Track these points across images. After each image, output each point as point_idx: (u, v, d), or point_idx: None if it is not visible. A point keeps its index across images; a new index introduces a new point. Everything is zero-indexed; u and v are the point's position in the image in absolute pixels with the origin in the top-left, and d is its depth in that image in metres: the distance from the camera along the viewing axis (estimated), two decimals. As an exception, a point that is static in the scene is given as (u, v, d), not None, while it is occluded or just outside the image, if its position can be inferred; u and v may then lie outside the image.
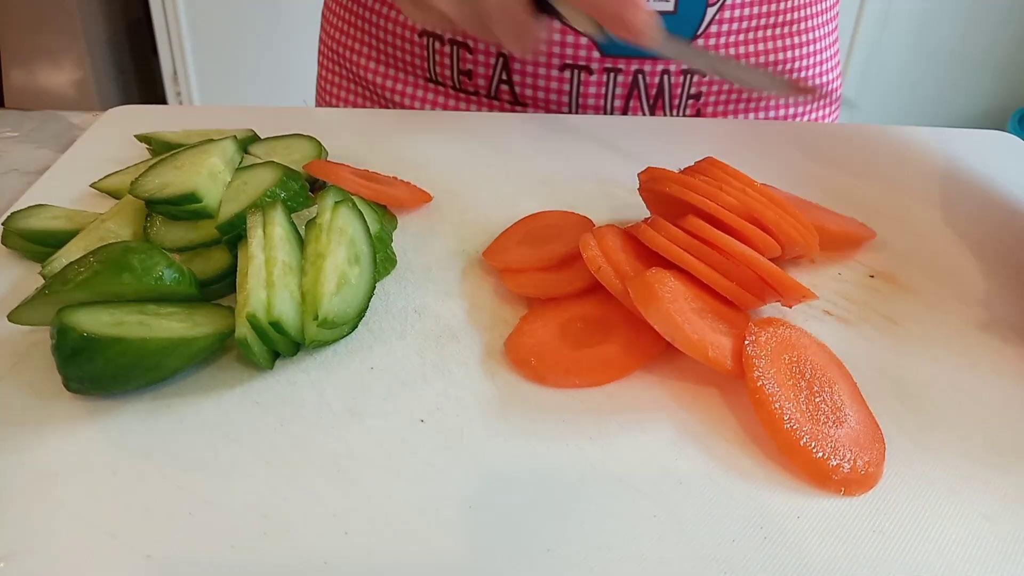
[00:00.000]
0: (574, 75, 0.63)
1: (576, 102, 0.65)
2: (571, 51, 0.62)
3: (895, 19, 1.97)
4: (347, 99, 0.73)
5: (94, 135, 0.57)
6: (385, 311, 0.41)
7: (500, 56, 0.63)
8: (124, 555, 0.29)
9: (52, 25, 1.87)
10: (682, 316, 0.35)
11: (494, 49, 0.63)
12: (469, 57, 0.64)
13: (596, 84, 0.63)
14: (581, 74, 0.63)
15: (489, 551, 0.29)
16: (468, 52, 0.64)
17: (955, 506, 0.32)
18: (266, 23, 1.87)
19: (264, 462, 0.33)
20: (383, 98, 0.70)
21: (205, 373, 0.37)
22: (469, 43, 0.64)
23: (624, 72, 0.62)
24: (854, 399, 0.35)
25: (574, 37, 0.61)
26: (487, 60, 0.64)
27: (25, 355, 0.37)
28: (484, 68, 0.65)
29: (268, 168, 0.44)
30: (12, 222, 0.44)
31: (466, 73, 0.65)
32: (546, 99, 0.65)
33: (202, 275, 0.39)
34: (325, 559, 0.29)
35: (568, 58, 0.62)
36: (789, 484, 0.32)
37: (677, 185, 0.42)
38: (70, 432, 0.34)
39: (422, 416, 0.35)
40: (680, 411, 0.36)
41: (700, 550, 0.30)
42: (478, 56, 0.64)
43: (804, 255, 0.44)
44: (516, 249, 0.44)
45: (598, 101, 0.64)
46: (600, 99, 0.64)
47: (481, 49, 0.64)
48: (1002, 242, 0.48)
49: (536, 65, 0.63)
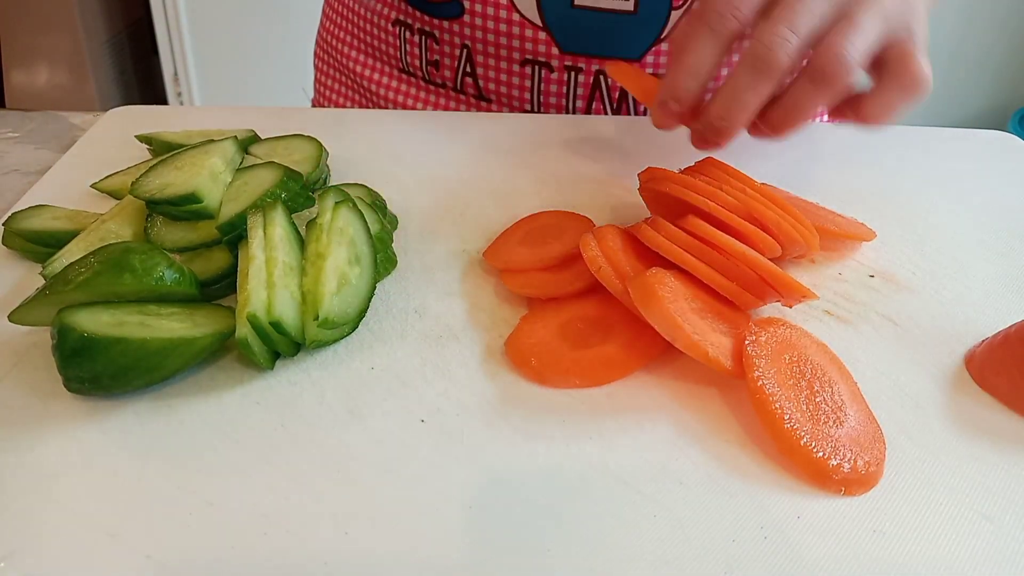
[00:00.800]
0: (535, 71, 0.63)
1: (538, 99, 0.64)
2: (531, 46, 0.61)
3: (895, 19, 1.97)
4: (343, 93, 0.73)
5: (95, 136, 0.57)
6: (385, 311, 0.41)
7: (464, 47, 0.63)
8: (124, 555, 0.29)
9: (52, 25, 1.87)
10: (682, 316, 0.35)
11: (458, 41, 0.63)
12: (436, 47, 0.64)
13: (557, 82, 0.63)
14: (542, 71, 0.63)
15: (489, 551, 0.29)
16: (435, 42, 0.64)
17: (955, 506, 0.32)
18: (267, 23, 1.87)
19: (264, 462, 0.33)
20: (370, 92, 0.70)
21: (205, 373, 0.37)
22: (435, 33, 0.63)
23: (585, 72, 0.62)
24: (854, 399, 0.35)
25: (533, 31, 0.61)
26: (452, 51, 0.64)
27: (25, 355, 0.37)
28: (450, 60, 0.64)
29: (268, 168, 0.44)
30: (13, 222, 0.44)
31: (433, 64, 0.65)
32: (508, 95, 0.65)
33: (202, 275, 0.39)
34: (325, 559, 0.29)
35: (528, 53, 0.62)
36: (789, 484, 0.32)
37: (677, 185, 0.42)
38: (70, 432, 0.34)
39: (422, 416, 0.35)
40: (680, 411, 0.36)
41: (700, 550, 0.30)
42: (444, 47, 0.64)
43: (804, 255, 0.44)
44: (516, 249, 0.44)
45: (560, 100, 0.64)
46: (562, 98, 0.64)
47: (446, 40, 0.63)
48: (1002, 242, 0.48)
49: (498, 59, 0.63)
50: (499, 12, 0.60)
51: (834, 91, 0.41)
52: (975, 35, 2.02)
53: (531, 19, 0.60)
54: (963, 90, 2.11)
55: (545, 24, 0.60)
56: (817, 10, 0.41)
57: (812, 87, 0.41)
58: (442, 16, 0.62)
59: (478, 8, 0.61)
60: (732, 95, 0.42)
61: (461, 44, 0.63)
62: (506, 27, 0.61)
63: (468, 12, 0.61)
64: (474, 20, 0.61)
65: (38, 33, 1.89)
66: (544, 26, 0.60)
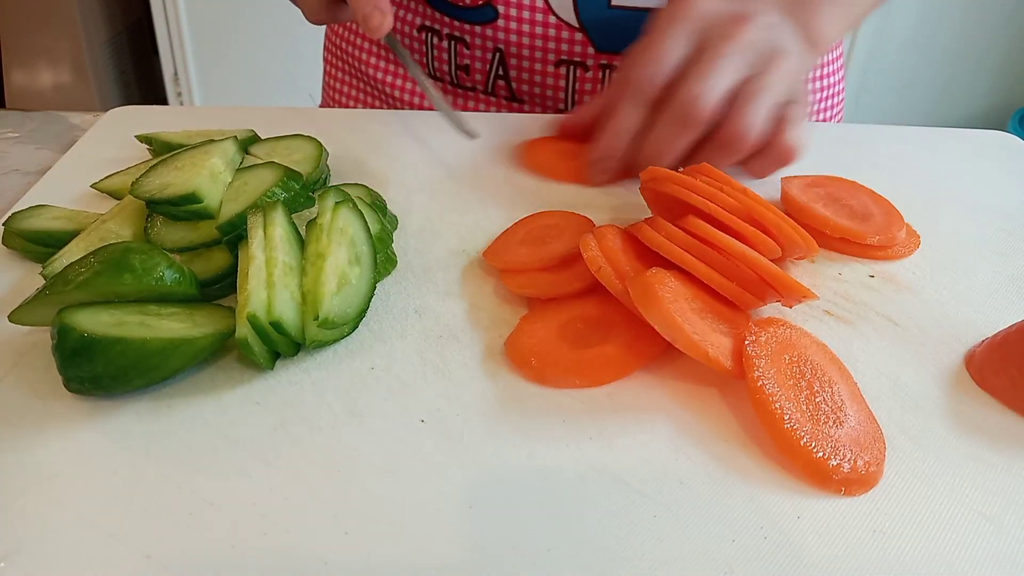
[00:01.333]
0: (570, 71, 0.63)
1: (572, 98, 0.65)
2: (566, 47, 0.62)
3: (895, 19, 1.97)
4: (353, 96, 0.73)
5: (95, 136, 0.57)
6: (385, 311, 0.41)
7: (497, 51, 0.63)
8: (124, 555, 0.29)
9: (52, 25, 1.87)
10: (682, 316, 0.35)
11: (491, 44, 0.63)
12: (466, 52, 0.64)
13: (592, 81, 0.63)
14: (577, 70, 0.63)
15: (489, 551, 0.29)
16: (465, 47, 0.64)
17: (955, 506, 0.32)
18: (267, 23, 1.87)
19: (264, 462, 0.33)
20: (384, 93, 0.70)
21: (205, 373, 0.37)
22: (466, 39, 0.64)
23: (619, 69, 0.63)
24: (854, 399, 0.35)
25: (569, 33, 0.61)
26: (484, 56, 0.64)
27: (25, 355, 0.37)
28: (481, 64, 0.65)
29: (269, 168, 0.44)
30: (13, 222, 0.44)
31: (463, 68, 0.66)
32: (543, 95, 0.65)
33: (202, 275, 0.39)
34: (325, 559, 0.29)
35: (563, 54, 0.62)
36: (789, 484, 0.32)
37: (678, 186, 0.42)
38: (70, 432, 0.34)
39: (422, 416, 0.35)
40: (680, 411, 0.36)
41: (700, 550, 0.30)
42: (475, 51, 0.64)
43: (804, 256, 0.44)
44: (516, 249, 0.44)
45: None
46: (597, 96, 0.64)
47: (478, 45, 0.64)
48: (1002, 242, 0.48)
49: (532, 61, 0.63)
50: (535, 15, 0.60)
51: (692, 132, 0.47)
52: (975, 35, 2.02)
53: (567, 20, 0.60)
54: (963, 90, 2.11)
55: (581, 25, 0.60)
56: (730, 68, 0.47)
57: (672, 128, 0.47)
58: (474, 21, 0.62)
59: (513, 12, 0.61)
60: (658, 146, 0.48)
61: (494, 48, 0.63)
62: (542, 29, 0.61)
63: (503, 17, 0.61)
64: (508, 24, 0.61)
65: (38, 33, 1.89)
66: (580, 27, 0.60)
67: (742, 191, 0.41)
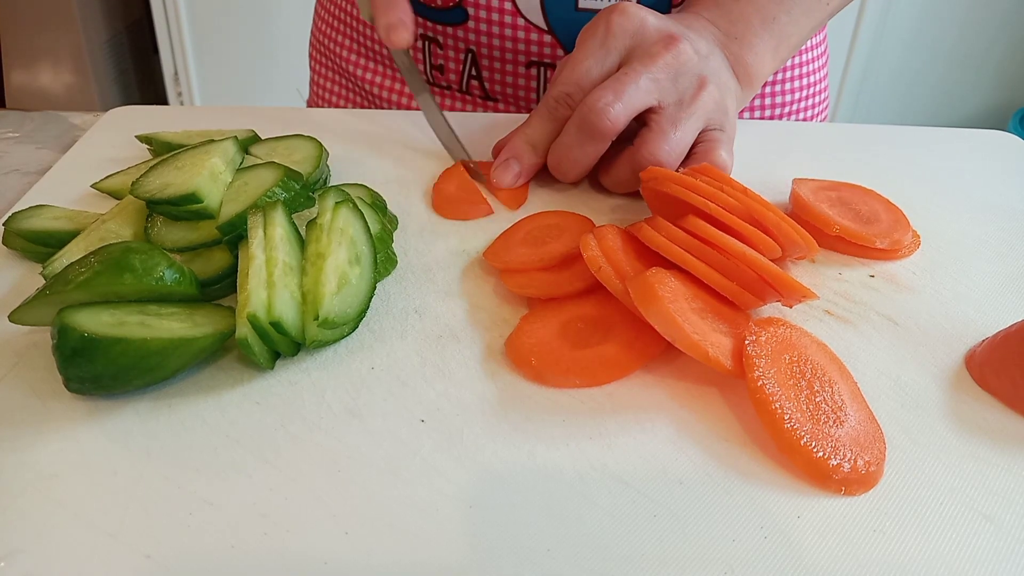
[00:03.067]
0: (540, 72, 0.63)
1: None
2: (536, 48, 0.62)
3: (895, 19, 1.97)
4: (337, 92, 0.74)
5: (95, 136, 0.57)
6: (386, 311, 0.41)
7: (468, 52, 0.64)
8: (124, 555, 0.29)
9: (52, 25, 1.87)
10: (682, 316, 0.35)
11: (463, 45, 0.63)
12: (440, 52, 0.65)
13: None
14: (547, 71, 0.63)
15: (489, 551, 0.29)
16: (439, 48, 0.65)
17: (955, 506, 0.32)
18: (267, 23, 1.87)
19: (264, 462, 0.33)
20: (364, 91, 0.70)
21: (205, 373, 0.37)
22: (439, 39, 0.64)
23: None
24: (854, 399, 0.35)
25: (538, 35, 0.61)
26: (457, 56, 0.64)
27: (25, 355, 0.37)
28: (454, 64, 0.65)
29: (269, 168, 0.44)
30: (13, 222, 0.44)
31: (438, 68, 0.66)
32: (515, 95, 0.65)
33: (203, 275, 0.39)
34: (325, 559, 0.29)
35: (534, 55, 0.62)
36: (789, 484, 0.32)
37: (678, 186, 0.42)
38: (70, 432, 0.34)
39: (422, 416, 0.35)
40: (680, 411, 0.36)
41: (700, 550, 0.30)
42: (448, 52, 0.64)
43: (804, 256, 0.44)
44: (516, 249, 0.44)
45: None
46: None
47: (451, 45, 0.64)
48: (1003, 242, 0.48)
49: (503, 62, 0.63)
50: (503, 17, 0.61)
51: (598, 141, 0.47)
52: (975, 35, 2.02)
53: (536, 23, 0.60)
54: (963, 90, 2.11)
55: (550, 27, 0.60)
56: (645, 87, 0.47)
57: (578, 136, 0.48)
58: (446, 22, 0.63)
59: (483, 14, 0.61)
60: (562, 152, 0.49)
61: (466, 49, 0.63)
62: (511, 31, 0.61)
63: (472, 18, 0.61)
64: (479, 26, 0.62)
65: (38, 33, 1.89)
66: (549, 29, 0.60)
67: (742, 191, 0.41)
